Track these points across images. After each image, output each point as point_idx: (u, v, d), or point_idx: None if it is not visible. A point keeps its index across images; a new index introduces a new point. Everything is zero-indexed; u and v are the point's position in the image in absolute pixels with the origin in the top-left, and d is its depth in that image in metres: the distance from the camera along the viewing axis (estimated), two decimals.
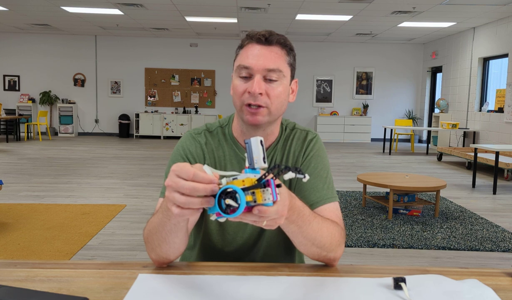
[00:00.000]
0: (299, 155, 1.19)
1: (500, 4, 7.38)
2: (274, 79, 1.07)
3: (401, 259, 3.23)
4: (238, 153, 1.18)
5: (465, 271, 1.05)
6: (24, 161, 7.34)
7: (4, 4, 8.27)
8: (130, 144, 10.32)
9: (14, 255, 3.12)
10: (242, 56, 1.08)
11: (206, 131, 1.21)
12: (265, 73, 1.06)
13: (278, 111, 1.11)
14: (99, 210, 4.33)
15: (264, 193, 0.76)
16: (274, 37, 1.08)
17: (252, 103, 1.06)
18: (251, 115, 1.08)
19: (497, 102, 8.69)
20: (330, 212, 1.12)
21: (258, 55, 1.06)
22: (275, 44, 1.08)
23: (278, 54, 1.08)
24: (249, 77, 1.07)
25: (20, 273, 0.98)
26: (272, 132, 1.18)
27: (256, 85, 1.04)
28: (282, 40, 1.09)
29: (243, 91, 1.07)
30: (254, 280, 0.97)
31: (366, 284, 0.96)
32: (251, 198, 0.76)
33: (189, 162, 1.15)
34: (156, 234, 0.96)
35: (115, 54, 12.07)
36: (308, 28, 10.12)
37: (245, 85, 1.07)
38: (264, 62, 1.06)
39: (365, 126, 12.08)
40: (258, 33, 1.09)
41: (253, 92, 1.05)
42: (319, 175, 1.16)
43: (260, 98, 1.06)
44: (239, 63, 1.08)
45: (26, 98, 11.89)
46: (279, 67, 1.07)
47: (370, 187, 5.57)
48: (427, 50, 12.02)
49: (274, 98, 1.07)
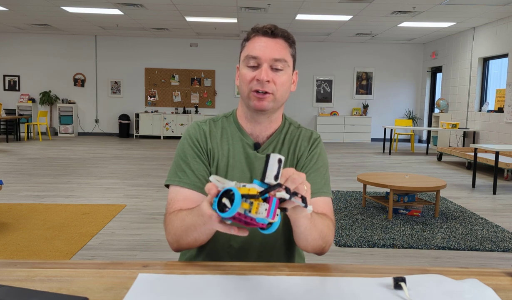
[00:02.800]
0: (305, 151, 1.27)
1: (500, 4, 7.38)
2: (280, 69, 1.16)
3: (401, 259, 3.23)
4: (242, 137, 1.25)
5: (465, 271, 1.05)
6: (24, 161, 7.34)
7: (4, 4, 8.27)
8: (130, 144, 10.32)
9: (14, 255, 3.12)
10: (250, 47, 1.17)
11: (211, 121, 1.30)
12: (271, 62, 1.15)
13: (282, 98, 1.20)
14: (99, 210, 4.33)
15: (260, 206, 0.77)
16: (279, 30, 1.18)
17: (260, 89, 1.15)
18: (258, 100, 1.16)
19: (497, 102, 8.69)
20: (324, 203, 1.20)
21: (265, 46, 1.15)
22: (279, 37, 1.17)
23: (282, 46, 1.17)
24: (256, 67, 1.15)
25: (20, 273, 0.98)
26: (275, 119, 1.26)
27: (264, 73, 1.13)
28: (286, 33, 1.19)
29: (251, 78, 1.15)
30: (254, 280, 0.97)
31: (366, 284, 0.96)
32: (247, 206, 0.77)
33: (195, 148, 1.23)
34: (186, 232, 1.05)
35: (115, 54, 12.07)
36: (308, 28, 10.12)
37: (253, 73, 1.15)
38: (271, 52, 1.15)
39: (365, 126, 12.08)
40: (264, 26, 1.18)
41: (261, 79, 1.13)
42: (319, 171, 1.25)
43: (267, 85, 1.14)
44: (247, 53, 1.17)
45: (26, 98, 11.89)
46: (284, 57, 1.16)
47: (370, 187, 5.57)
48: (427, 50, 12.02)
49: (280, 85, 1.16)
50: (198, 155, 1.22)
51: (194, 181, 1.19)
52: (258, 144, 1.24)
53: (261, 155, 1.23)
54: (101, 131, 12.33)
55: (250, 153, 1.23)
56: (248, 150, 1.23)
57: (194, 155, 1.21)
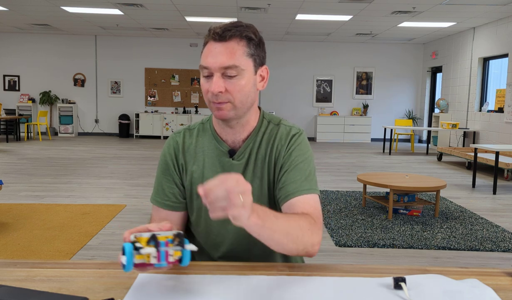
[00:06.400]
0: (282, 149, 1.21)
1: (500, 4, 7.38)
2: (234, 75, 1.08)
3: (401, 259, 3.23)
4: (217, 145, 1.22)
5: (465, 271, 1.05)
6: (24, 161, 7.34)
7: (4, 4, 8.27)
8: (130, 144, 10.32)
9: (14, 255, 3.12)
10: (203, 55, 1.11)
11: (186, 130, 1.27)
12: (222, 71, 1.08)
13: (244, 104, 1.13)
14: (99, 210, 4.33)
15: (151, 255, 0.86)
16: (229, 31, 1.08)
17: (215, 101, 1.10)
18: (217, 110, 1.12)
19: (497, 102, 8.69)
20: (305, 202, 1.12)
21: (215, 54, 1.08)
22: (230, 38, 1.08)
23: (234, 49, 1.08)
24: (210, 76, 1.10)
25: (20, 273, 0.98)
26: (247, 122, 1.20)
27: (214, 85, 1.07)
28: (239, 32, 1.09)
29: (207, 90, 1.11)
30: (254, 280, 0.97)
31: (366, 284, 0.96)
32: (142, 257, 0.86)
33: (166, 165, 1.26)
34: None
35: (115, 54, 12.07)
36: (308, 28, 10.12)
37: (207, 85, 1.10)
38: (221, 60, 1.07)
39: (365, 126, 12.08)
40: (215, 28, 1.09)
41: (211, 92, 1.08)
42: (298, 168, 1.17)
43: (221, 96, 1.09)
44: (200, 63, 1.12)
45: (26, 98, 11.89)
46: (235, 63, 1.07)
47: (370, 187, 5.57)
48: (427, 50, 12.01)
49: (236, 93, 1.10)
50: (169, 173, 1.24)
51: (167, 200, 1.23)
52: (233, 151, 1.20)
53: (237, 162, 1.20)
54: (101, 131, 12.33)
55: (225, 161, 1.20)
56: (223, 158, 1.20)
57: (166, 172, 1.25)
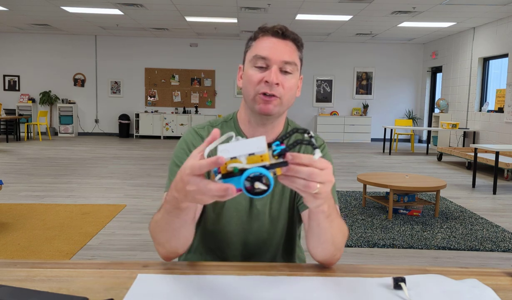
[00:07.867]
0: None
1: (500, 4, 7.38)
2: (289, 72, 1.10)
3: (401, 259, 3.23)
4: None
5: (465, 271, 1.05)
6: (24, 161, 7.34)
7: (4, 4, 8.27)
8: (130, 144, 10.32)
9: (14, 255, 3.12)
10: (258, 47, 1.11)
11: (209, 126, 1.24)
12: (281, 64, 1.09)
13: (288, 103, 1.14)
14: (99, 210, 4.33)
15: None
16: (289, 32, 1.12)
17: (268, 92, 1.08)
18: (264, 103, 1.09)
19: (497, 102, 8.69)
20: None
21: (275, 47, 1.09)
22: (289, 38, 1.12)
23: (292, 48, 1.12)
24: (265, 68, 1.09)
25: (20, 273, 0.98)
26: (278, 124, 1.20)
27: (274, 74, 1.07)
28: (296, 36, 1.14)
29: (259, 80, 1.09)
30: (254, 280, 0.97)
31: (366, 284, 0.96)
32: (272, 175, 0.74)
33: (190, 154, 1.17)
34: (163, 232, 0.98)
35: (115, 54, 12.07)
36: (308, 28, 10.12)
37: (261, 75, 1.09)
38: (281, 54, 1.09)
39: (365, 126, 12.08)
40: (274, 26, 1.12)
41: (271, 82, 1.07)
42: None
43: (276, 88, 1.08)
44: (255, 53, 1.10)
45: (26, 98, 11.89)
46: (294, 61, 1.11)
47: (370, 187, 5.57)
48: (427, 50, 12.01)
49: (288, 89, 1.11)
50: None
51: None
52: None
53: None
54: (101, 131, 12.33)
55: None
56: None
57: None
